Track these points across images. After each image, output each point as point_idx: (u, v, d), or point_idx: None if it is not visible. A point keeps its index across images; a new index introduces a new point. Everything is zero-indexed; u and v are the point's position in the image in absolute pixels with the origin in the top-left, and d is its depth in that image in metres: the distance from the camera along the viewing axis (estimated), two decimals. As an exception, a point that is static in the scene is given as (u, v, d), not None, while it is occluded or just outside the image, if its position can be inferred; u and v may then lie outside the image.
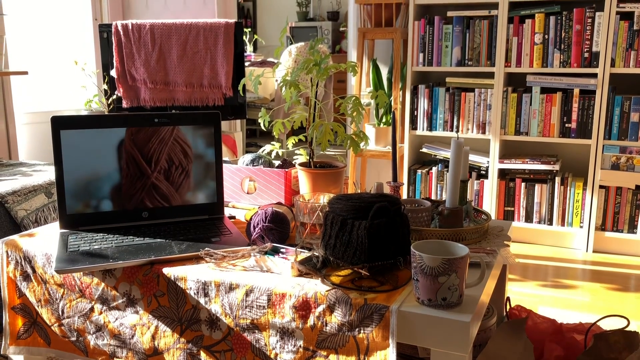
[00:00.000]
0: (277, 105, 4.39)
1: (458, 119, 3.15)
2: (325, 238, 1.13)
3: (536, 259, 2.94)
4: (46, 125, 3.39)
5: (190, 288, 1.11)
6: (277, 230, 1.25)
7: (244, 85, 1.69)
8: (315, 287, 1.04)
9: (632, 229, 2.93)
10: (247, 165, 1.67)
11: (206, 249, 1.19)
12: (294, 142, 1.61)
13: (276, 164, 1.68)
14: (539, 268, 2.81)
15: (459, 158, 1.26)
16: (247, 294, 1.06)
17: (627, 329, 1.21)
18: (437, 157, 3.29)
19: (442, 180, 3.25)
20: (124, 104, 2.45)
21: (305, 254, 1.16)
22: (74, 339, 1.26)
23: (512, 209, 3.11)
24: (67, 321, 1.25)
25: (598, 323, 1.30)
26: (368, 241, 1.06)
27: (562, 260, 2.92)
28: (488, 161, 3.11)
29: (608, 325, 1.48)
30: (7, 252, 1.30)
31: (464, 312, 0.95)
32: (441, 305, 0.96)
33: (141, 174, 1.36)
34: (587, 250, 3.00)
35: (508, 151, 3.25)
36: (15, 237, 1.33)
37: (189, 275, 1.11)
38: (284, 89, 1.48)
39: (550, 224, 3.06)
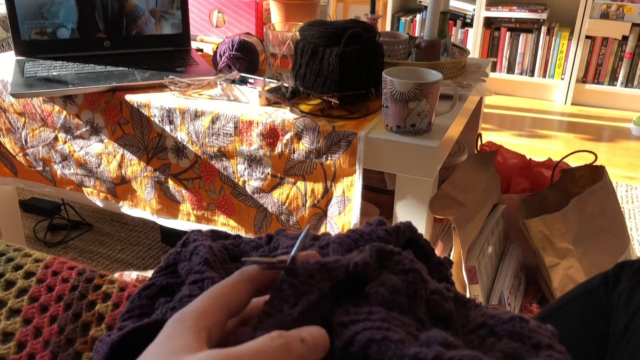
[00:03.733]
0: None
1: (446, -39, 2.95)
2: (295, 67, 1.08)
3: (514, 110, 2.94)
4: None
5: (155, 115, 1.07)
6: (245, 59, 1.19)
7: None
8: (283, 115, 1.01)
9: (612, 81, 2.91)
10: (216, -4, 1.55)
11: (170, 77, 1.13)
12: (267, -28, 1.49)
13: (248, -3, 1.57)
14: (515, 119, 2.81)
15: (440, -15, 1.18)
16: (213, 122, 1.03)
17: (594, 164, 1.22)
18: (422, 3, 3.14)
19: (426, 29, 3.13)
20: None
21: (274, 84, 1.11)
22: (40, 168, 1.24)
23: (495, 59, 3.04)
24: (32, 151, 1.22)
25: (566, 161, 1.31)
26: (339, 69, 1.02)
27: (540, 112, 2.92)
28: (474, 9, 2.98)
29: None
30: (-39, 80, 1.24)
31: (432, 138, 0.94)
32: (409, 131, 0.94)
33: (99, -2, 1.26)
34: (565, 103, 3.00)
35: (496, -2, 3.11)
36: (-32, 65, 1.25)
37: (153, 102, 1.07)
38: None
39: (532, 75, 3.02)
